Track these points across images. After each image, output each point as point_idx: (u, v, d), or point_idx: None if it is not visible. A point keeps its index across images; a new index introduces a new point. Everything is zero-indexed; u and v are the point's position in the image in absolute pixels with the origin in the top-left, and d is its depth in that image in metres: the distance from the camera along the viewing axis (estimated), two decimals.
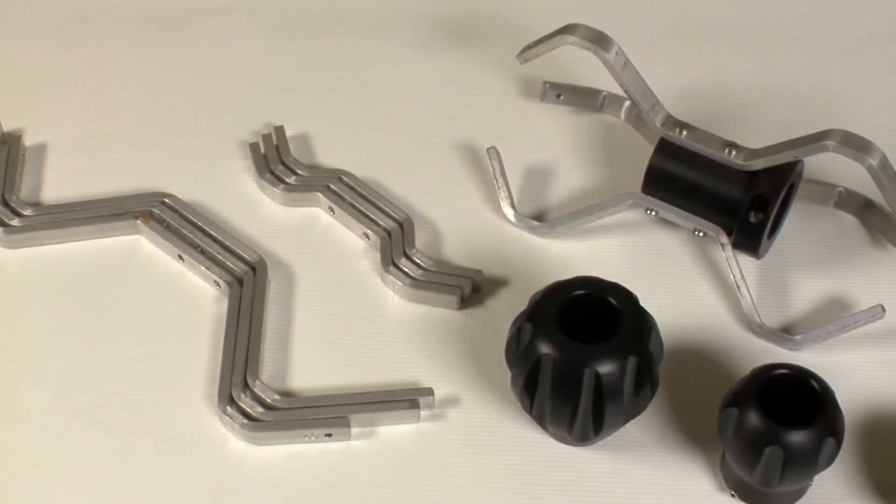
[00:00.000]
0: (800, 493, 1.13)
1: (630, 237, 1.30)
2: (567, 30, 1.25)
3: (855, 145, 1.16)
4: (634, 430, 1.16)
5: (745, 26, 1.48)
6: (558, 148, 1.37)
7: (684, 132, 1.25)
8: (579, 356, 1.07)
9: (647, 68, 1.30)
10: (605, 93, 1.38)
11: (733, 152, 1.23)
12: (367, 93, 1.41)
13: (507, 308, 1.22)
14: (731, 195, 1.23)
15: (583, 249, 1.29)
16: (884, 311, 1.20)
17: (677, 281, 1.27)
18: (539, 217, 1.31)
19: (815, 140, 1.18)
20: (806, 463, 1.06)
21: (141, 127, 1.38)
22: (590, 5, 1.48)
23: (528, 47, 1.29)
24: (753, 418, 1.06)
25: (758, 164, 1.22)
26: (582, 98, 1.39)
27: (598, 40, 1.23)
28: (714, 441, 1.12)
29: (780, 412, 1.07)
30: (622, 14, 1.49)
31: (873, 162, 1.16)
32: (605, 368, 1.07)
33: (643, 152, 1.28)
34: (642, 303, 1.13)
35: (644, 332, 1.10)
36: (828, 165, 1.29)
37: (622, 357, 1.07)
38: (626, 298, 1.11)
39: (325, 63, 1.44)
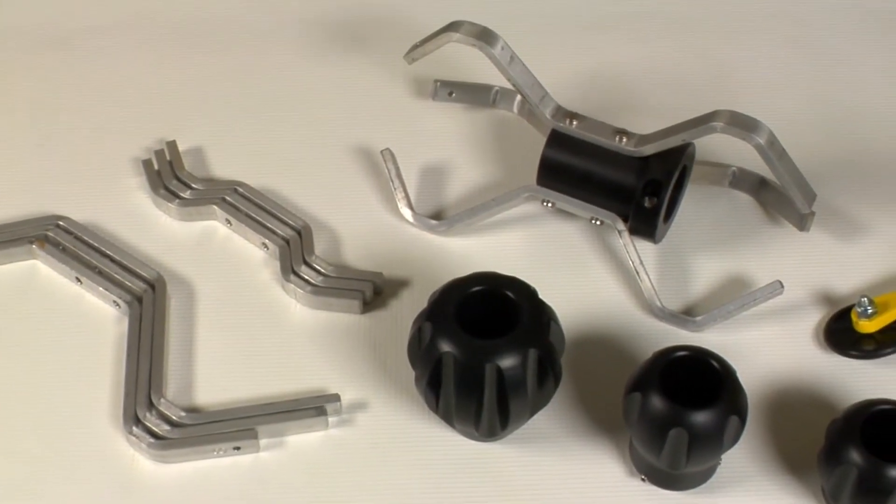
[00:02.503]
0: (709, 472, 1.14)
1: (529, 230, 1.30)
2: (452, 27, 1.25)
3: (742, 125, 1.17)
4: (542, 421, 1.17)
5: (632, 13, 1.50)
6: (453, 145, 1.37)
7: (575, 122, 1.26)
8: (480, 352, 1.07)
9: (538, 61, 1.30)
10: (496, 88, 1.39)
11: (624, 139, 1.24)
12: (258, 102, 1.41)
13: (409, 309, 1.22)
14: (625, 182, 1.24)
15: (483, 245, 1.29)
16: (782, 286, 1.22)
17: (578, 270, 1.28)
18: (438, 216, 1.31)
19: (703, 122, 1.19)
20: (711, 442, 1.07)
21: (32, 151, 1.37)
22: (479, 2, 1.48)
23: (415, 47, 1.29)
24: (656, 402, 1.07)
25: (649, 150, 1.23)
26: (474, 94, 1.39)
27: (483, 36, 1.24)
28: (622, 427, 1.13)
29: (684, 394, 1.08)
30: (511, 8, 1.49)
31: (761, 140, 1.17)
32: (506, 362, 1.07)
33: (538, 145, 1.28)
34: (543, 294, 1.13)
35: (543, 323, 1.10)
36: (723, 146, 1.30)
37: (523, 350, 1.08)
38: (524, 292, 1.12)
39: (215, 75, 1.43)
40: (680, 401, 1.07)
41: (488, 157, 1.36)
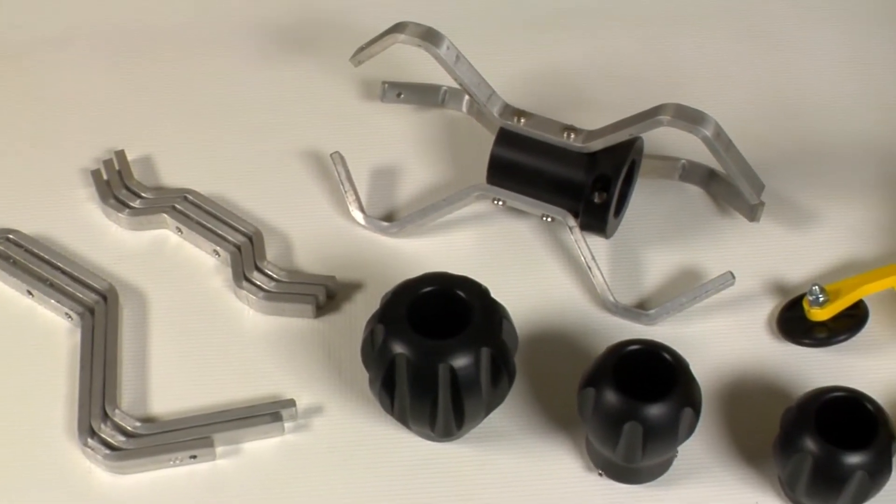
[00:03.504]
0: (666, 464, 1.14)
1: (481, 229, 1.31)
2: (397, 28, 1.25)
3: (688, 117, 1.18)
4: (498, 420, 1.17)
5: (578, 9, 1.50)
6: (403, 146, 1.37)
7: (522, 120, 1.26)
8: (432, 352, 1.07)
9: (486, 60, 1.31)
10: (445, 88, 1.39)
11: (572, 135, 1.24)
12: (207, 109, 1.40)
13: (363, 312, 1.22)
14: (574, 178, 1.24)
15: (435, 245, 1.29)
16: (733, 277, 1.22)
17: (530, 268, 1.28)
18: (390, 217, 1.31)
19: (650, 116, 1.19)
20: (666, 435, 1.08)
21: None
22: (426, 3, 1.48)
23: (361, 49, 1.29)
24: (610, 396, 1.07)
25: (597, 145, 1.23)
26: (422, 95, 1.39)
27: (428, 36, 1.24)
28: (578, 423, 1.13)
29: (638, 387, 1.08)
30: (458, 8, 1.49)
31: (707, 132, 1.17)
32: (459, 362, 1.07)
33: (487, 144, 1.28)
34: (496, 293, 1.14)
35: (496, 322, 1.10)
36: (673, 140, 1.30)
37: (475, 349, 1.08)
38: (476, 291, 1.12)
39: (163, 83, 1.43)
40: (634, 394, 1.07)
41: (438, 158, 1.36)
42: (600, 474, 1.14)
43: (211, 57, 1.45)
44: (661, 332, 1.22)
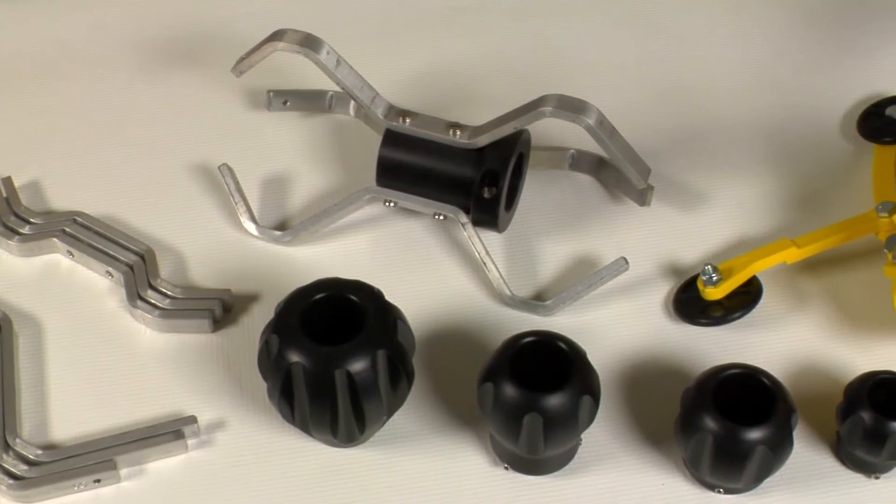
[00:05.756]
0: (571, 453, 1.15)
1: (375, 232, 1.30)
2: (275, 36, 1.25)
3: (570, 107, 1.18)
4: (402, 421, 1.17)
5: (458, 6, 1.50)
6: (293, 154, 1.37)
7: (408, 120, 1.26)
8: (328, 359, 1.07)
9: (372, 62, 1.31)
10: (331, 93, 1.38)
11: (458, 132, 1.25)
12: (93, 129, 1.39)
13: (260, 323, 1.20)
14: (463, 175, 1.24)
15: (331, 252, 1.29)
16: (627, 263, 1.23)
17: (426, 267, 1.28)
18: (284, 226, 1.31)
19: (532, 108, 1.20)
20: (566, 425, 1.08)
21: None
22: (305, 9, 1.48)
23: (242, 59, 1.28)
24: (508, 390, 1.07)
25: (483, 140, 1.23)
26: (308, 101, 1.39)
27: (307, 42, 1.23)
28: (481, 418, 1.13)
29: (537, 379, 1.09)
30: (340, 12, 1.49)
31: (589, 121, 1.18)
32: (355, 367, 1.07)
33: (377, 146, 1.28)
34: (393, 294, 1.14)
35: (390, 324, 1.10)
36: (563, 130, 1.30)
37: (371, 352, 1.07)
38: (368, 294, 1.12)
39: (47, 106, 1.41)
40: (534, 386, 1.08)
41: (329, 163, 1.36)
42: (506, 468, 1.15)
43: (94, 77, 1.43)
44: (560, 321, 1.23)
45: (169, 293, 1.24)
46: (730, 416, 1.08)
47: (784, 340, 1.22)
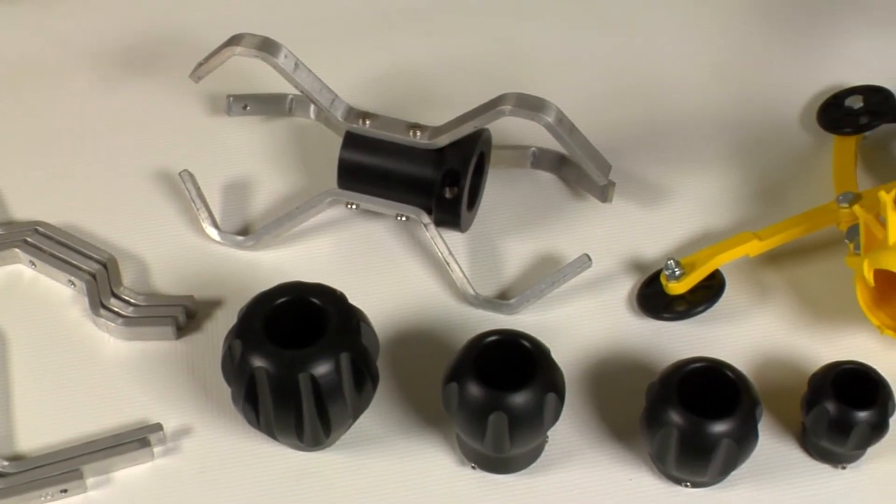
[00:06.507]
0: (537, 451, 1.15)
1: (338, 234, 1.30)
2: (233, 41, 1.25)
3: (529, 105, 1.19)
4: (368, 423, 1.17)
5: (416, 7, 1.50)
6: (255, 158, 1.37)
7: (368, 121, 1.26)
8: (291, 363, 1.07)
9: (331, 65, 1.31)
10: (291, 96, 1.38)
11: (418, 133, 1.24)
12: (54, 138, 1.38)
13: (224, 329, 1.19)
14: (424, 175, 1.25)
15: (294, 255, 1.29)
16: (590, 259, 1.23)
17: (390, 269, 1.28)
18: (246, 231, 1.30)
19: (491, 107, 1.20)
20: (531, 423, 1.08)
21: None
22: (262, 12, 1.48)
23: (200, 65, 1.28)
24: (472, 389, 1.07)
25: (443, 141, 1.23)
26: (269, 105, 1.39)
27: (265, 46, 1.23)
28: (447, 418, 1.13)
29: (502, 378, 1.09)
30: (298, 15, 1.49)
31: (549, 118, 1.18)
32: (319, 370, 1.07)
33: (337, 148, 1.28)
34: (357, 296, 1.13)
35: (353, 326, 1.10)
36: (523, 128, 1.30)
37: (334, 355, 1.07)
38: (331, 297, 1.11)
39: (6, 116, 1.40)
40: (498, 385, 1.08)
41: (291, 166, 1.36)
42: (473, 467, 1.15)
43: (53, 86, 1.43)
44: (524, 320, 1.23)
45: (132, 301, 1.24)
46: (695, 410, 1.08)
47: (748, 333, 1.23)
